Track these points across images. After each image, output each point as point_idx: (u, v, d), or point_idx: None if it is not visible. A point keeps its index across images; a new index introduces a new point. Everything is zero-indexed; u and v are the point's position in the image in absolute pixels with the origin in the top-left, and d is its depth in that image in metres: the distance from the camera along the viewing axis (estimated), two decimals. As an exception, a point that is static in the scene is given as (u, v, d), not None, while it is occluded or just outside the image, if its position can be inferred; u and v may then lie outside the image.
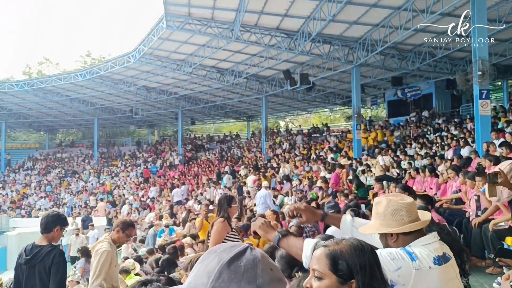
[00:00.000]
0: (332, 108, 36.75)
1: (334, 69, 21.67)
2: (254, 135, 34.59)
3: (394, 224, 2.08)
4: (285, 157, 23.16)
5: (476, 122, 11.79)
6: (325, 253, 1.52)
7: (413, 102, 25.12)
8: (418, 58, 19.34)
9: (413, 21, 14.96)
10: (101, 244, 4.50)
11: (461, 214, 6.32)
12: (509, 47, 18.04)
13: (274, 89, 26.26)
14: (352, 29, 17.56)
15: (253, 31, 18.59)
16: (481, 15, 11.65)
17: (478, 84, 11.29)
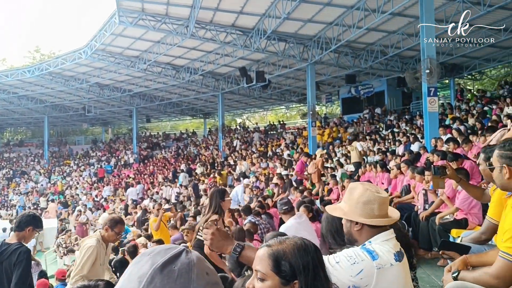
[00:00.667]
0: (288, 106, 37.07)
1: (290, 67, 21.87)
2: (211, 133, 34.40)
3: (363, 214, 2.06)
4: (241, 154, 23.16)
5: (425, 118, 12.21)
6: (268, 253, 1.49)
7: (366, 100, 25.72)
8: (371, 56, 19.80)
9: (365, 20, 15.30)
10: (89, 239, 4.39)
11: (410, 208, 6.52)
12: (456, 47, 18.76)
13: (231, 87, 26.20)
14: (306, 27, 17.75)
15: (208, 28, 18.44)
16: (429, 15, 12.04)
17: (426, 82, 11.67)
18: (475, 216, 5.07)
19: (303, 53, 19.55)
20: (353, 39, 18.13)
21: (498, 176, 2.24)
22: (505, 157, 2.20)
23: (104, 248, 4.44)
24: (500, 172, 2.21)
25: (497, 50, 19.73)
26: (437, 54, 14.73)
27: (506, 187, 2.24)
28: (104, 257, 4.44)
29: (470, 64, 21.84)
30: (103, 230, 4.43)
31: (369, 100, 25.52)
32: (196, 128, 41.03)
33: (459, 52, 19.07)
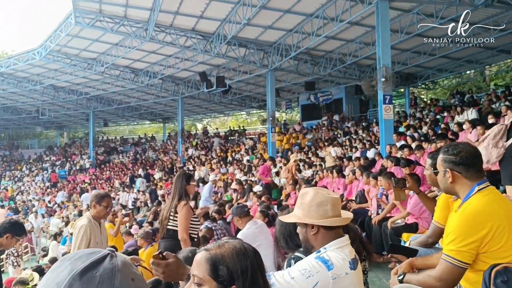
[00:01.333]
0: (249, 111, 37.16)
1: (250, 73, 21.92)
2: (170, 138, 33.97)
3: (318, 216, 2.05)
4: (201, 160, 22.97)
5: (380, 125, 12.50)
6: (205, 258, 1.44)
7: (325, 106, 26.12)
8: (329, 64, 20.15)
9: (324, 28, 15.56)
10: (81, 220, 4.28)
11: (364, 213, 6.64)
12: (410, 57, 19.39)
13: (191, 91, 25.99)
14: (267, 34, 17.86)
15: (168, 32, 18.24)
16: (385, 26, 12.34)
17: (382, 90, 11.95)
18: (425, 220, 5.20)
19: (263, 59, 19.65)
20: (312, 47, 18.39)
21: (442, 180, 2.29)
22: (448, 162, 2.25)
23: (98, 226, 4.30)
24: (444, 176, 2.26)
25: (449, 61, 20.53)
26: (392, 64, 15.18)
27: (450, 191, 2.29)
28: (100, 236, 4.30)
29: (424, 74, 22.60)
30: (92, 208, 4.31)
31: (328, 107, 25.93)
32: (155, 132, 40.42)
33: (414, 62, 19.69)
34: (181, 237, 4.38)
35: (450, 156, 2.23)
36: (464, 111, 13.81)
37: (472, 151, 2.25)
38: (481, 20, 15.31)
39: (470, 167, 2.19)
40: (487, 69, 24.39)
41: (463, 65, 21.15)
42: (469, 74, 24.34)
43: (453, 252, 2.08)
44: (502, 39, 17.07)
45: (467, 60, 20.35)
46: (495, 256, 2.03)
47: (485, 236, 2.03)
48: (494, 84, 24.51)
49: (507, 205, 2.16)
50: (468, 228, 2.06)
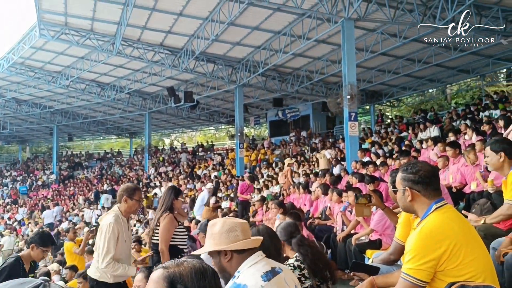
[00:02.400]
0: (217, 127, 37.07)
1: (218, 88, 21.94)
2: (137, 153, 33.44)
3: (229, 242, 2.08)
4: (168, 175, 22.67)
5: (346, 142, 12.67)
6: (163, 276, 1.39)
7: (292, 123, 26.33)
8: (297, 81, 20.39)
9: (291, 45, 15.77)
10: (106, 217, 3.98)
11: (329, 229, 6.66)
12: (375, 75, 19.86)
13: (158, 106, 25.76)
14: (235, 50, 17.96)
15: (136, 46, 18.09)
16: (350, 44, 12.61)
17: (347, 107, 12.14)
18: (388, 237, 5.25)
19: (231, 75, 19.71)
20: (280, 64, 18.61)
21: (401, 198, 2.31)
22: (407, 180, 2.27)
23: (125, 223, 4.05)
24: (403, 194, 2.28)
25: (412, 80, 21.12)
26: (358, 81, 15.44)
27: (409, 209, 2.31)
28: (127, 233, 4.09)
29: (388, 92, 23.16)
30: (122, 203, 4.02)
31: (296, 123, 26.15)
32: (121, 147, 39.75)
33: (378, 80, 20.18)
34: (160, 248, 4.26)
35: (409, 175, 2.26)
36: (427, 128, 14.16)
37: (430, 169, 2.28)
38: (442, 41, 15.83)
39: (428, 186, 2.22)
40: (448, 88, 25.23)
41: (426, 84, 21.80)
42: (431, 92, 25.08)
43: (412, 271, 2.09)
44: (461, 59, 17.73)
45: (430, 79, 20.99)
46: (453, 274, 2.05)
47: (442, 254, 2.04)
48: (455, 102, 25.36)
49: (463, 223, 2.19)
50: (426, 246, 2.07)
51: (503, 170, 3.47)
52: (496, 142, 3.51)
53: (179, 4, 14.34)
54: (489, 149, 3.51)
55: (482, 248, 2.19)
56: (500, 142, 3.51)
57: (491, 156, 3.49)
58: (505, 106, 14.63)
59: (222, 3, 13.72)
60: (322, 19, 13.76)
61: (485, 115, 14.09)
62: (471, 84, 23.05)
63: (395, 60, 18.11)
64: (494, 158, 3.47)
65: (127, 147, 39.36)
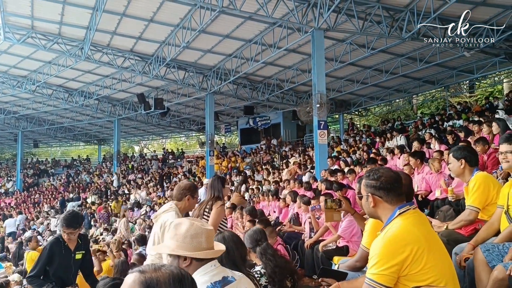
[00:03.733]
0: (188, 134, 36.82)
1: (189, 96, 21.82)
2: (106, 160, 32.80)
3: (191, 248, 2.04)
4: (137, 183, 22.30)
5: (316, 150, 12.77)
6: (139, 280, 1.31)
7: (263, 131, 26.40)
8: (268, 89, 20.50)
9: (262, 54, 15.85)
10: (166, 214, 3.88)
11: (297, 236, 6.67)
12: (344, 84, 20.15)
13: (128, 113, 25.37)
14: (206, 58, 17.91)
15: (105, 52, 17.80)
16: (320, 54, 12.77)
17: (317, 115, 12.26)
18: (355, 243, 5.29)
19: (202, 82, 19.65)
20: (251, 72, 18.66)
21: (365, 205, 2.33)
22: (370, 186, 2.29)
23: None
24: (367, 200, 2.30)
25: (380, 90, 21.54)
26: (327, 91, 15.70)
27: (373, 215, 2.32)
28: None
29: (357, 101, 23.53)
30: (184, 201, 3.96)
31: (266, 132, 26.23)
32: (90, 154, 38.89)
33: (347, 90, 20.48)
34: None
35: (371, 181, 2.28)
36: (394, 138, 14.43)
37: (392, 175, 2.30)
38: (408, 52, 16.26)
39: (390, 192, 2.24)
40: (414, 98, 25.86)
41: (393, 94, 22.27)
42: (398, 102, 25.63)
43: (375, 276, 2.09)
44: (427, 70, 18.20)
45: (396, 89, 21.46)
46: (415, 279, 2.07)
47: (405, 260, 2.06)
48: (421, 112, 25.93)
49: (426, 228, 2.22)
50: (389, 252, 2.08)
51: (464, 177, 3.56)
52: (458, 150, 3.60)
53: (150, 10, 14.22)
54: (451, 156, 3.60)
55: (444, 253, 2.22)
56: (461, 149, 3.60)
57: (453, 163, 3.58)
58: (468, 116, 15.07)
59: (194, 10, 13.68)
60: (293, 28, 13.91)
61: (449, 124, 14.49)
62: (436, 95, 23.67)
63: (363, 70, 18.45)
64: (455, 164, 3.56)
65: (96, 154, 38.60)
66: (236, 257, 2.68)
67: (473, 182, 3.45)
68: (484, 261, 2.73)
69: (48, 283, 4.17)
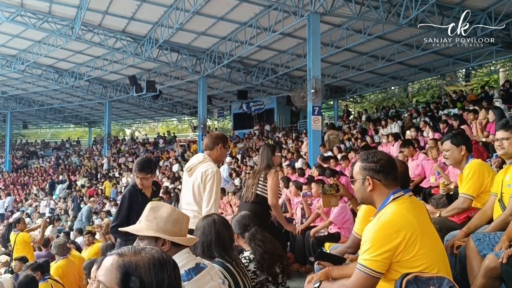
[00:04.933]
0: (180, 118, 36.68)
1: (182, 79, 21.67)
2: (96, 143, 32.64)
3: (173, 233, 2.03)
4: (128, 166, 22.21)
5: (309, 136, 12.75)
6: (117, 264, 1.25)
7: (257, 116, 26.34)
8: (262, 73, 20.38)
9: (257, 37, 15.70)
10: (203, 165, 3.92)
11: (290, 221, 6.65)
12: (339, 70, 20.07)
13: (119, 95, 25.20)
14: (200, 40, 17.73)
15: (96, 32, 17.57)
16: (316, 39, 12.67)
17: (311, 101, 12.20)
18: (347, 230, 5.28)
19: (195, 65, 19.48)
20: (245, 55, 18.53)
21: (360, 189, 2.27)
22: (368, 169, 2.24)
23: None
24: (362, 184, 2.24)
25: (375, 77, 21.50)
26: (322, 76, 15.59)
27: (367, 199, 2.28)
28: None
29: (352, 88, 23.49)
30: (215, 150, 4.02)
31: (260, 117, 26.17)
32: (80, 137, 38.70)
33: (343, 76, 20.41)
34: (272, 202, 4.45)
35: (369, 164, 2.23)
36: (388, 125, 14.44)
37: (389, 159, 2.27)
38: (405, 39, 16.19)
39: (389, 175, 2.20)
40: (410, 86, 25.86)
41: (388, 81, 22.25)
42: (393, 89, 25.62)
43: (367, 262, 2.08)
44: (423, 58, 18.17)
45: (392, 77, 21.43)
46: (407, 265, 2.05)
47: (398, 245, 2.04)
48: (416, 100, 26.01)
49: (420, 214, 2.20)
50: (382, 237, 2.06)
51: (460, 164, 3.54)
52: (456, 136, 3.56)
53: (143, -10, 14.02)
54: (449, 143, 3.55)
55: (437, 239, 2.20)
56: (460, 136, 3.57)
57: (452, 149, 3.53)
58: (463, 105, 15.10)
59: (188, -9, 13.49)
60: (289, 12, 13.76)
61: (444, 113, 14.51)
62: (431, 83, 23.70)
63: (359, 56, 18.37)
64: (455, 151, 3.52)
65: (86, 136, 38.41)
66: (225, 240, 2.67)
67: (467, 170, 3.43)
68: (475, 250, 2.73)
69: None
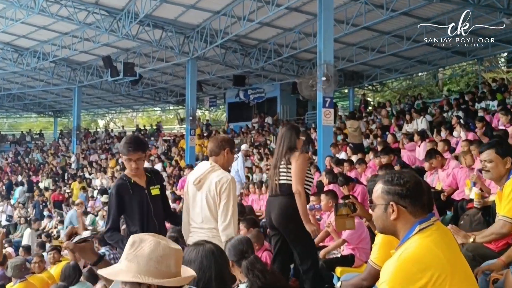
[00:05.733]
0: (164, 107, 36.68)
1: (167, 61, 21.65)
2: (63, 136, 32.64)
3: (158, 273, 1.93)
4: (101, 165, 22.24)
5: (319, 132, 12.75)
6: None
7: (256, 106, 26.34)
8: (263, 56, 20.35)
9: (257, 12, 15.64)
10: (217, 173, 4.03)
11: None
12: (356, 52, 20.04)
13: (91, 79, 25.21)
14: (188, 14, 17.68)
15: (64, 3, 17.51)
16: (328, 15, 12.63)
17: (322, 91, 12.18)
18: (363, 252, 5.28)
19: (183, 45, 19.45)
20: (243, 34, 18.51)
21: (381, 216, 2.24)
22: (394, 194, 2.21)
23: None
24: (385, 211, 2.23)
25: (399, 60, 21.48)
26: (335, 60, 15.57)
27: (389, 229, 2.25)
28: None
29: (371, 74, 23.48)
30: (222, 156, 4.13)
31: (260, 107, 26.18)
32: (43, 128, 38.71)
33: (360, 59, 20.38)
34: (296, 189, 4.44)
35: (395, 187, 2.20)
36: (414, 120, 14.44)
37: (418, 181, 2.25)
38: (435, 16, 16.15)
39: (417, 201, 2.18)
40: (441, 72, 25.85)
41: (415, 66, 22.22)
42: (421, 76, 25.61)
43: None
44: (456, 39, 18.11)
45: (419, 61, 21.40)
46: (434, 311, 2.05)
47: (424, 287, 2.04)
48: (448, 89, 26.03)
49: (450, 248, 2.19)
50: (404, 277, 2.05)
51: (501, 180, 3.53)
52: (501, 145, 3.54)
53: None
54: (494, 152, 3.51)
55: (470, 278, 2.20)
56: (505, 144, 3.55)
57: (496, 161, 3.50)
58: (504, 96, 15.10)
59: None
60: (297, -18, 13.73)
61: (481, 106, 14.51)
62: (466, 69, 23.73)
63: (380, 36, 18.32)
64: (500, 164, 3.49)
65: (51, 128, 38.50)
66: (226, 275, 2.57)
67: (509, 187, 3.42)
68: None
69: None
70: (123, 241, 3.81)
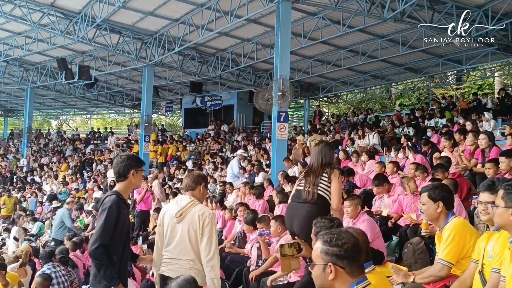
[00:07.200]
0: (119, 110, 36.16)
1: (124, 65, 21.35)
2: (13, 136, 31.67)
3: None
4: (52, 169, 21.70)
5: (273, 146, 12.77)
6: None
7: (212, 113, 26.28)
8: (221, 64, 20.34)
9: (216, 22, 15.60)
10: (199, 207, 4.14)
11: (243, 261, 6.61)
12: (313, 65, 20.26)
13: (44, 80, 24.59)
14: (147, 21, 17.49)
15: (17, 3, 17.00)
16: (285, 28, 12.64)
17: (277, 105, 12.20)
18: (310, 277, 5.32)
19: (140, 50, 19.23)
20: (201, 42, 18.44)
21: (320, 276, 2.25)
22: (331, 254, 2.23)
23: None
24: (323, 271, 2.23)
25: (354, 74, 21.88)
26: (293, 71, 15.72)
27: None
28: None
29: (326, 86, 23.80)
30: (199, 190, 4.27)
31: (216, 114, 26.14)
32: (-8, 128, 37.51)
33: (316, 72, 20.66)
34: (337, 206, 4.74)
35: (333, 248, 2.22)
36: (366, 135, 14.67)
37: (356, 242, 2.27)
38: (389, 34, 16.52)
39: (354, 261, 2.21)
40: (393, 87, 26.45)
41: (369, 80, 22.67)
42: (374, 90, 26.14)
43: None
44: (409, 56, 18.61)
45: (373, 75, 21.86)
46: None
47: None
48: (400, 103, 26.62)
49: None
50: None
51: (438, 221, 3.64)
52: (435, 189, 3.66)
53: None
54: (426, 196, 3.65)
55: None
56: (439, 189, 3.67)
57: (428, 204, 3.64)
58: (453, 114, 15.56)
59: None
60: (255, -5, 13.74)
61: (431, 124, 14.91)
62: (418, 85, 24.31)
63: (337, 50, 18.62)
64: (431, 207, 3.63)
65: (0, 128, 37.30)
66: None
67: (447, 231, 3.53)
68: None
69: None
70: (106, 270, 3.65)
